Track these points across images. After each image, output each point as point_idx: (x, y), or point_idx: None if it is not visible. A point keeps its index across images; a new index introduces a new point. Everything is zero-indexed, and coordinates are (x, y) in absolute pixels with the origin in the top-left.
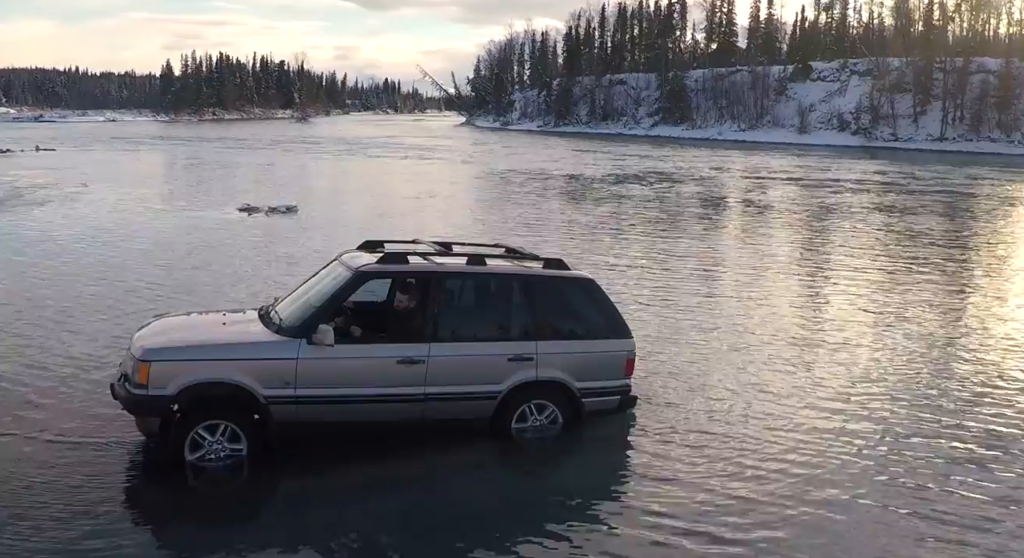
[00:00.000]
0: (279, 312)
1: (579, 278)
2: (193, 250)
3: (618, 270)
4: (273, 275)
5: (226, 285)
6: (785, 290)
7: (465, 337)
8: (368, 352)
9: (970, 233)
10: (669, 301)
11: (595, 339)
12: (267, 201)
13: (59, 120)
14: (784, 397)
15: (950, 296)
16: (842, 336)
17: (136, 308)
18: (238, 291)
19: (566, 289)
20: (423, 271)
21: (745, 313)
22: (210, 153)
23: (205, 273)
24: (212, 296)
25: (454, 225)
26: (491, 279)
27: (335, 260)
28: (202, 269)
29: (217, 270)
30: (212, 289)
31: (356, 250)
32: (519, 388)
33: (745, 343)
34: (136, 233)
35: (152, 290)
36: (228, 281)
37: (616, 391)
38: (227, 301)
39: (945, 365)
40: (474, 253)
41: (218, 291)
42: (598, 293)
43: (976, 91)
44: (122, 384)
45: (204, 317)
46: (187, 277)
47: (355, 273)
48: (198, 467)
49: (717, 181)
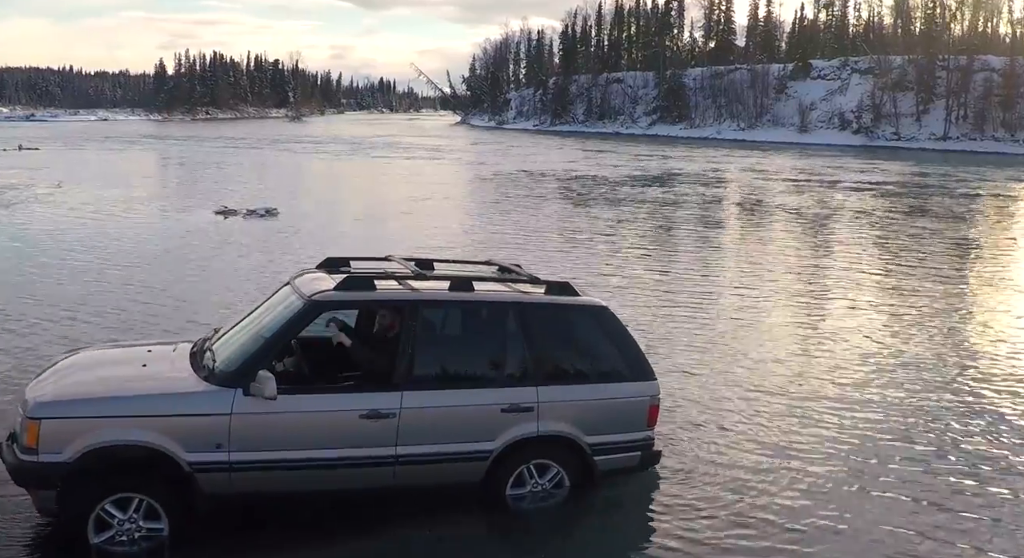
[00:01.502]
0: (214, 351)
1: (590, 306)
2: (148, 259)
3: (636, 290)
4: (232, 291)
5: (168, 306)
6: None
7: (447, 382)
8: (323, 403)
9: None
10: (689, 330)
11: (610, 382)
12: (247, 203)
13: (50, 119)
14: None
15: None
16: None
17: (51, 334)
18: (181, 313)
19: (574, 320)
20: (394, 299)
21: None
22: (197, 152)
23: (151, 289)
24: (145, 320)
25: (445, 231)
26: (480, 309)
27: (287, 284)
28: (150, 283)
29: (167, 284)
30: (147, 311)
31: (315, 269)
32: (516, 445)
33: (791, 391)
34: (91, 238)
35: (71, 312)
36: (172, 300)
37: (636, 446)
38: (163, 329)
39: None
40: (459, 275)
41: (154, 315)
42: (613, 324)
43: (980, 89)
44: (10, 446)
45: (125, 353)
46: (127, 293)
47: (307, 303)
48: (106, 552)
49: (729, 182)
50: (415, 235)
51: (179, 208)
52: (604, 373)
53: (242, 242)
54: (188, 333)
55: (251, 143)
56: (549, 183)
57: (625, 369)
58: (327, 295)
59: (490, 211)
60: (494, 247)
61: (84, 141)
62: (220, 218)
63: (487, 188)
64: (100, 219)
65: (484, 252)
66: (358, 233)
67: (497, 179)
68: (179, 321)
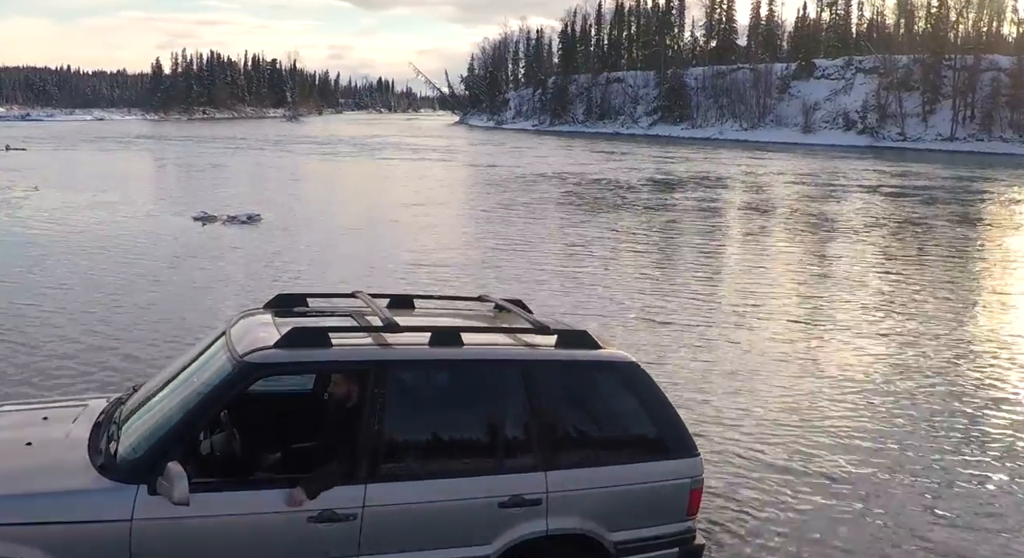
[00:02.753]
0: (120, 425)
1: (615, 361)
2: (96, 275)
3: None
4: (173, 322)
5: (94, 339)
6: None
7: (427, 471)
8: (257, 503)
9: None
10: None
11: (641, 461)
12: (229, 208)
13: (46, 119)
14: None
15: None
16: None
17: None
18: (103, 353)
19: (595, 381)
20: (354, 360)
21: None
22: (187, 153)
23: (86, 314)
24: (61, 363)
25: (437, 245)
26: (471, 370)
27: (223, 333)
28: (88, 307)
29: (107, 309)
30: (64, 349)
31: (262, 309)
32: (520, 550)
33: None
34: (47, 247)
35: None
36: (102, 330)
37: (674, 540)
38: (77, 374)
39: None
40: (442, 328)
41: (69, 357)
42: (645, 385)
43: (987, 89)
44: None
45: (10, 419)
46: (52, 320)
47: (238, 366)
48: None
49: (741, 183)
50: (404, 248)
51: (155, 213)
52: (633, 449)
53: (211, 254)
54: (127, 371)
55: (245, 144)
56: (554, 186)
57: (659, 443)
58: (265, 356)
59: (488, 220)
60: (493, 256)
61: (75, 142)
62: (198, 225)
63: (484, 193)
64: (66, 225)
65: (481, 273)
66: (343, 244)
67: (493, 181)
68: (119, 354)
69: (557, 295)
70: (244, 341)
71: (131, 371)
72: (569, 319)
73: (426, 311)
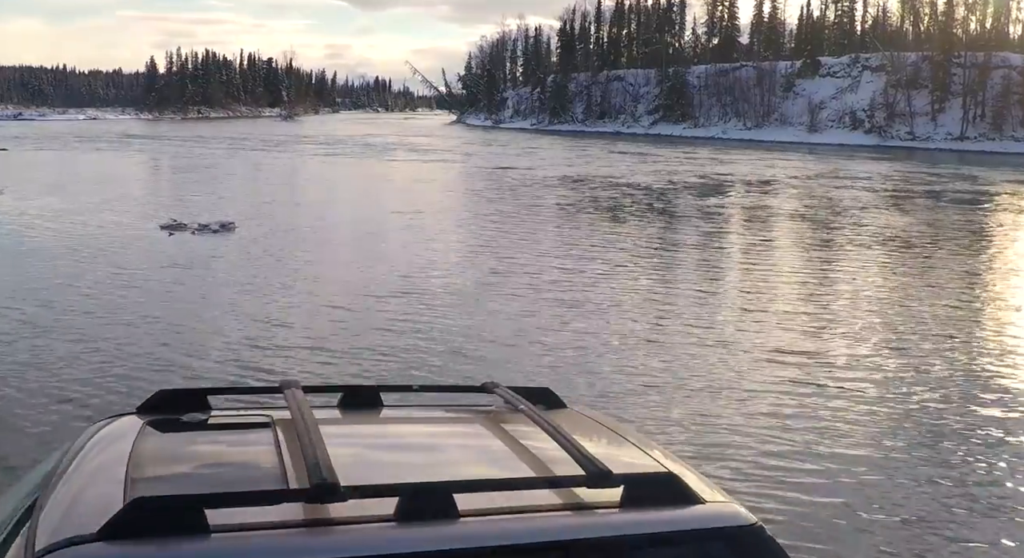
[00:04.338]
0: None
1: (725, 527)
2: (22, 296)
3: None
4: (128, 362)
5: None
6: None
7: None
8: None
9: None
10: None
11: None
12: (202, 216)
13: (38, 118)
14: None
15: None
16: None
17: None
18: (29, 413)
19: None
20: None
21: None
22: (174, 153)
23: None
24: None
25: (431, 264)
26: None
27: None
28: (20, 338)
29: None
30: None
31: (131, 417)
32: None
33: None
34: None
35: None
36: (34, 376)
37: None
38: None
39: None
40: (420, 485)
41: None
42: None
43: (998, 88)
44: None
45: None
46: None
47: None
48: None
49: (796, 190)
50: (393, 268)
51: (119, 221)
52: None
53: (188, 266)
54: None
55: (237, 144)
56: (560, 189)
57: None
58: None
59: (485, 232)
60: (500, 273)
61: (62, 141)
62: (164, 234)
63: (481, 199)
64: (16, 232)
65: (478, 307)
66: (321, 263)
67: (488, 182)
68: (33, 419)
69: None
70: (55, 516)
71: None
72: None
73: (394, 418)
